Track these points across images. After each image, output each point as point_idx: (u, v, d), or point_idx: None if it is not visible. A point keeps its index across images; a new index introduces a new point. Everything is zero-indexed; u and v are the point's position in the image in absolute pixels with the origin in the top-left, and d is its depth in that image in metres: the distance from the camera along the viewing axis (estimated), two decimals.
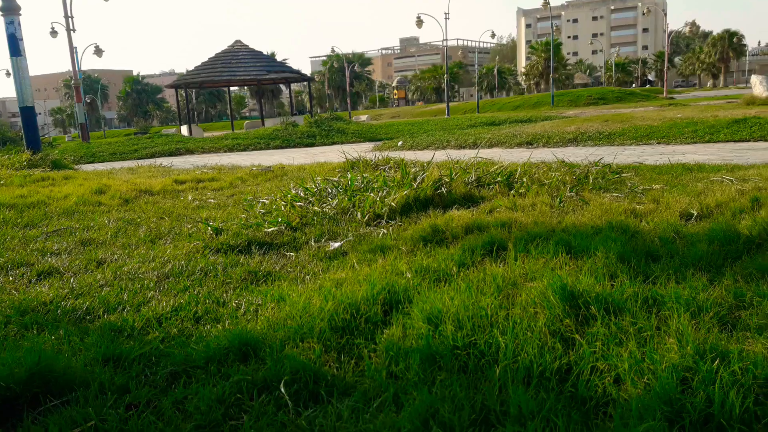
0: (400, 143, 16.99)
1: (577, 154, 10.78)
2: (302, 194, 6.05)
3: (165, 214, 6.28)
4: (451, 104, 46.89)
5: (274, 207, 5.75)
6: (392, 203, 5.20)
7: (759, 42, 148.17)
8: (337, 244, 4.37)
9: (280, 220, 5.07)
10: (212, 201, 7.11)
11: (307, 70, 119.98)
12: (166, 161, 15.36)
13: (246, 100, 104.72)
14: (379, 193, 5.61)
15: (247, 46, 36.53)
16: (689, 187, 5.42)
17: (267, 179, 8.82)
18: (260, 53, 37.15)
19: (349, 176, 6.42)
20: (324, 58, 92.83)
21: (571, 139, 13.63)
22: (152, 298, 3.50)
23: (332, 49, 69.12)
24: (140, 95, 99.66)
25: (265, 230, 4.84)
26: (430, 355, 2.20)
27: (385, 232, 4.55)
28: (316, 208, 5.43)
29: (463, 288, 2.75)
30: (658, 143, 12.10)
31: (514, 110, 39.30)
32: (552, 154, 10.18)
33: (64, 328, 2.98)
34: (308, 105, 43.46)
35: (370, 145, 18.82)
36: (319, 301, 2.79)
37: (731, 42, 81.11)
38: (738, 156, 8.99)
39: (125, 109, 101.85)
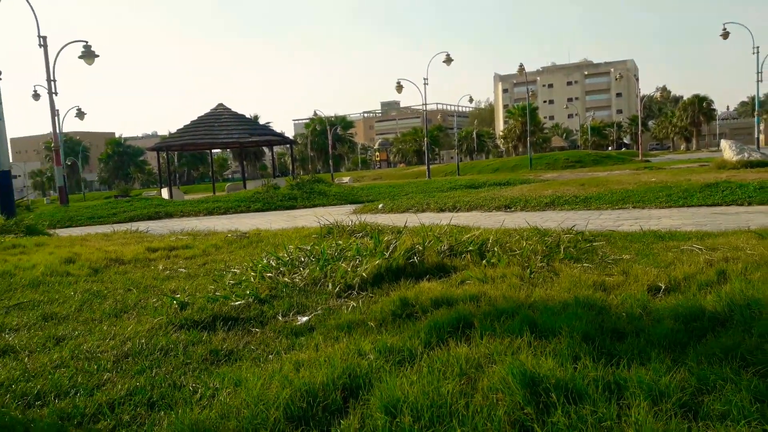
0: (380, 206, 17.09)
1: (554, 218, 10.89)
2: (273, 264, 5.98)
3: (133, 285, 6.14)
4: (431, 166, 47.60)
5: (243, 278, 5.66)
6: (363, 273, 5.15)
7: (728, 107, 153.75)
8: (304, 319, 4.29)
9: (248, 292, 4.98)
10: (183, 270, 6.99)
11: (290, 133, 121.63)
12: (143, 225, 15.21)
13: (228, 162, 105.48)
14: (352, 263, 5.56)
15: (229, 109, 37.03)
16: (659, 257, 5.45)
17: (241, 246, 8.74)
18: (243, 116, 37.68)
19: (323, 245, 6.38)
20: (307, 120, 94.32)
21: (548, 203, 13.80)
22: (108, 381, 3.37)
23: (315, 112, 70.54)
24: (122, 157, 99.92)
25: (232, 304, 4.73)
26: None
27: (355, 305, 4.48)
28: (286, 279, 5.35)
29: (425, 372, 2.68)
30: (634, 207, 12.26)
31: (493, 173, 39.91)
32: (527, 219, 10.28)
33: (9, 417, 2.83)
34: (291, 167, 43.83)
35: (351, 207, 18.89)
36: (276, 387, 2.70)
37: (701, 106, 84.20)
38: (711, 221, 9.12)
39: (106, 172, 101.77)
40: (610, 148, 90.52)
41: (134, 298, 5.47)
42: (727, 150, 21.44)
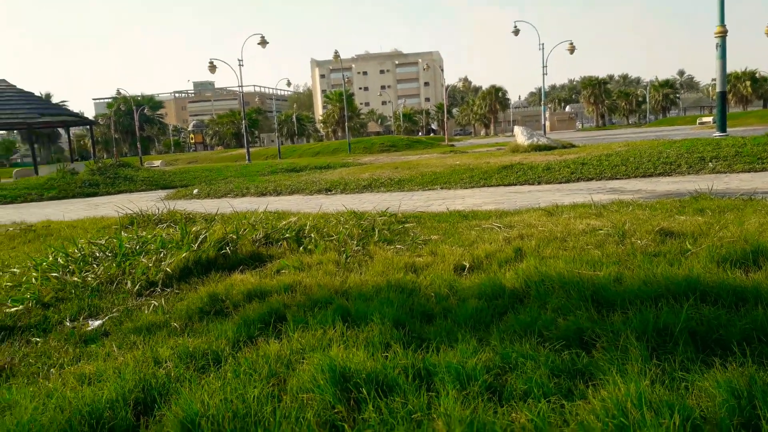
0: (195, 191, 16.18)
1: (372, 201, 11.13)
2: (62, 261, 5.26)
3: None
4: (252, 150, 46.39)
5: (24, 279, 4.90)
6: (168, 269, 4.72)
7: (519, 96, 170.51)
8: (97, 323, 3.80)
9: (28, 296, 4.31)
10: None
11: (90, 113, 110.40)
12: None
13: (17, 145, 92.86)
14: (155, 257, 5.08)
15: (14, 86, 32.56)
16: (464, 236, 5.75)
17: (26, 241, 7.64)
18: (31, 94, 33.34)
19: (122, 237, 5.76)
20: (109, 100, 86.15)
21: (366, 185, 14.15)
22: None
23: (118, 90, 64.22)
24: None
25: (7, 310, 4.05)
26: None
27: (157, 304, 4.07)
28: (76, 278, 4.72)
29: (230, 377, 2.46)
30: (442, 188, 13.02)
31: (315, 156, 40.03)
32: (347, 202, 10.36)
33: None
34: (92, 150, 39.76)
35: (163, 193, 17.71)
36: (53, 410, 2.29)
37: (497, 96, 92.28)
38: (507, 199, 9.95)
39: None
40: (420, 133, 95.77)
41: None
42: (520, 135, 23.66)
